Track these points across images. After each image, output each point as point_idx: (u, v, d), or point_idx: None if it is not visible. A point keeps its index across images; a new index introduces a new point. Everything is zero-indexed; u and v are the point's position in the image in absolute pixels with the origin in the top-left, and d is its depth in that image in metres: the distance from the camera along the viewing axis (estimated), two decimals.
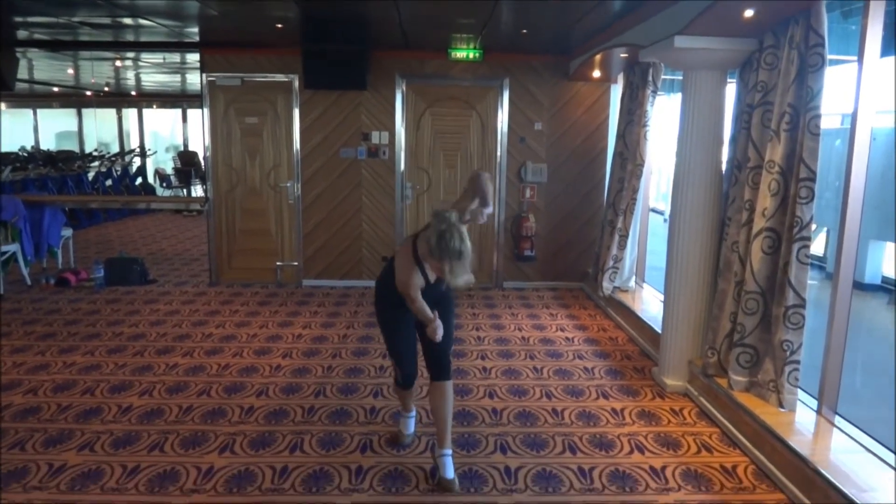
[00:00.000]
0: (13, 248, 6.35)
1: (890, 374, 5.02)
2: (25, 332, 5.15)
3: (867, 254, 7.33)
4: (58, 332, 5.17)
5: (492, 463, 3.22)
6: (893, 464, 2.87)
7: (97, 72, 10.30)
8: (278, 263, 6.93)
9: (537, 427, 3.62)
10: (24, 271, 6.57)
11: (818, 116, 3.21)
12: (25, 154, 12.31)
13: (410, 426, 3.48)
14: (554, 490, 2.98)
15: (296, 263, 6.91)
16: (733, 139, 3.90)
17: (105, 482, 2.96)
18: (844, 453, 3.03)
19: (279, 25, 5.51)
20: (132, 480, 2.98)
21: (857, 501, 2.56)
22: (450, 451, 3.08)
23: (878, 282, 7.43)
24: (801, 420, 3.34)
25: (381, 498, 2.89)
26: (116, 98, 14.07)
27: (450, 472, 3.01)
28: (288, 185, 6.78)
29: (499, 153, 6.79)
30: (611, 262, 5.81)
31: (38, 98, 13.76)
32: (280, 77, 6.59)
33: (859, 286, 7.39)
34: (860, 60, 3.11)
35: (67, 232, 7.39)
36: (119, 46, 7.01)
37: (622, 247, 5.75)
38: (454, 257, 2.66)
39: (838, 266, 3.24)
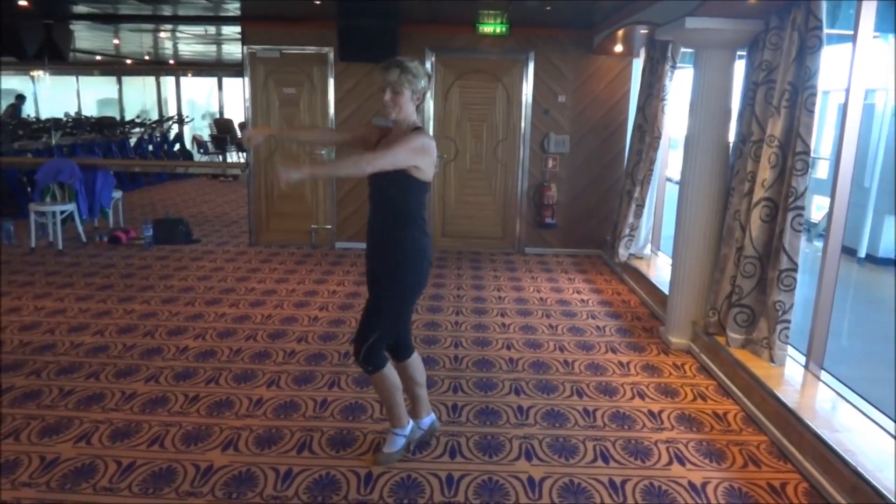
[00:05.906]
0: (70, 207, 6.87)
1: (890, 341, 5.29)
2: (86, 283, 5.67)
3: (881, 228, 7.51)
4: (115, 283, 5.68)
5: (507, 402, 3.62)
6: (868, 412, 3.19)
7: (139, 42, 10.75)
8: (313, 226, 7.36)
9: (549, 375, 4.01)
10: (80, 229, 7.09)
11: (814, 94, 3.47)
12: (71, 120, 12.88)
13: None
14: (560, 426, 3.37)
15: (329, 227, 7.34)
16: (740, 115, 4.16)
17: (170, 407, 3.43)
18: (824, 402, 3.36)
19: (317, 2, 5.83)
20: (193, 406, 3.45)
21: (827, 440, 2.89)
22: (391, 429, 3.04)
23: (893, 256, 7.60)
24: (790, 374, 3.65)
25: None
26: (155, 66, 14.55)
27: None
28: (323, 152, 7.17)
29: (523, 124, 7.09)
30: (627, 230, 6.12)
31: (80, 66, 14.29)
32: (316, 49, 6.94)
33: (873, 260, 7.60)
34: (854, 38, 3.36)
35: (117, 194, 7.90)
36: (166, 19, 7.41)
37: (638, 216, 6.04)
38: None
39: (828, 234, 3.53)
